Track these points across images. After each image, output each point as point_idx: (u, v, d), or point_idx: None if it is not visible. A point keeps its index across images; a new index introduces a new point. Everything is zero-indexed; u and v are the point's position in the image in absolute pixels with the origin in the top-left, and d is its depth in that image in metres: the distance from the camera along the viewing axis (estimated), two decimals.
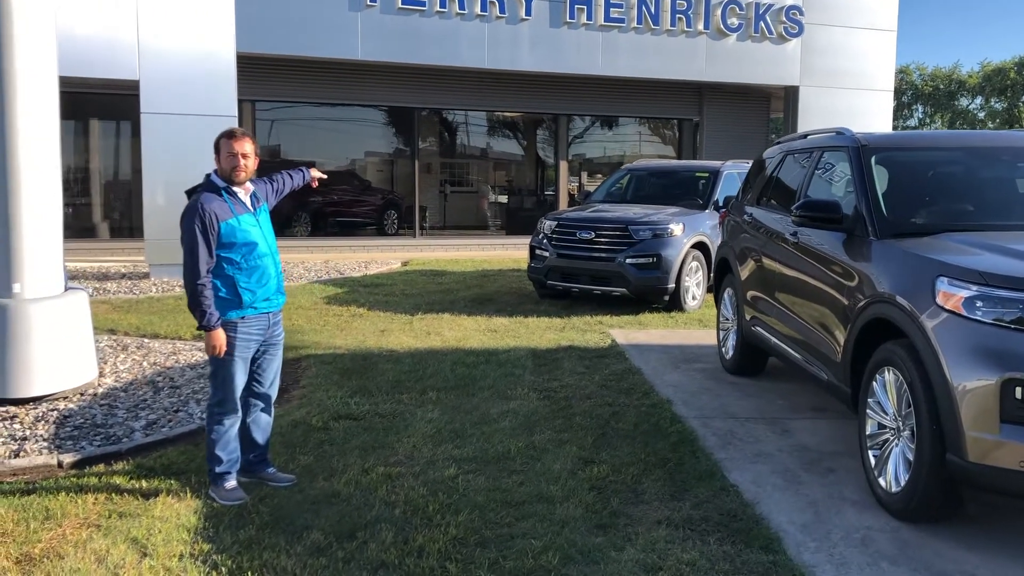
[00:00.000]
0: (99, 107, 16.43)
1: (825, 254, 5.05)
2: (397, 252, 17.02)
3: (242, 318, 4.24)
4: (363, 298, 10.83)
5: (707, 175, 11.56)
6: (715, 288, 7.62)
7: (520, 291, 11.62)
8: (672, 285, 10.00)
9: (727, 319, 7.15)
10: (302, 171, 4.88)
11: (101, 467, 4.75)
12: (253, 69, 15.85)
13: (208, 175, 4.32)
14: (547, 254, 10.46)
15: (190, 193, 4.31)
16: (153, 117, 11.89)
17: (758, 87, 19.25)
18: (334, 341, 8.19)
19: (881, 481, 4.16)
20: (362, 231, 18.10)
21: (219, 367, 4.30)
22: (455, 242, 18.17)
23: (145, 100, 11.89)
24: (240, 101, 15.98)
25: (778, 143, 7.11)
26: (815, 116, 18.51)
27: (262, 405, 4.54)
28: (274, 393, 4.57)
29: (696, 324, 9.49)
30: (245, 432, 4.50)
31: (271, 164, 17.15)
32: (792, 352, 5.51)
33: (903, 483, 3.96)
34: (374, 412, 5.80)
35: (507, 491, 4.41)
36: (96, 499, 4.28)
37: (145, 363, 7.14)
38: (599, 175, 20.34)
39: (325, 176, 5.05)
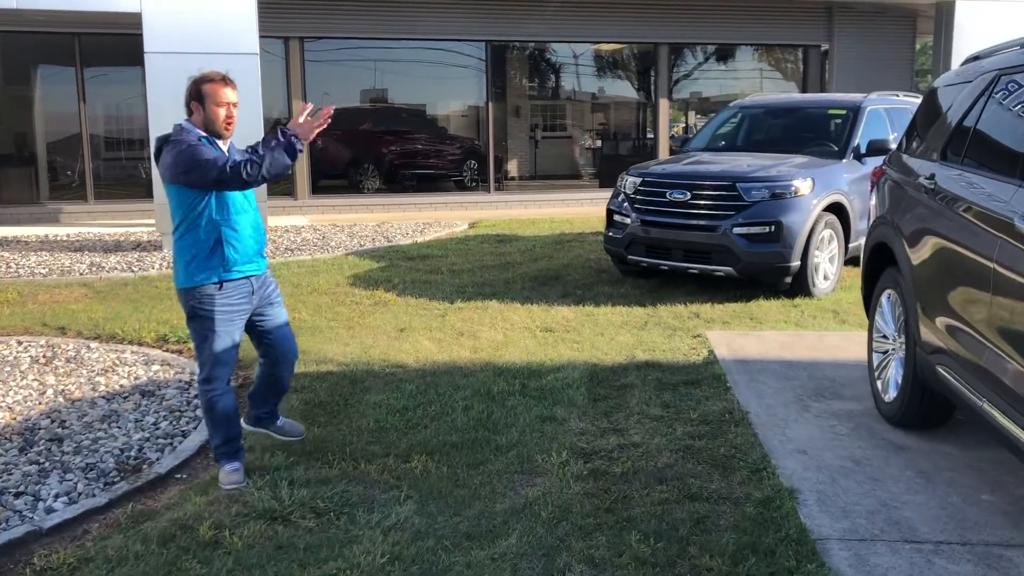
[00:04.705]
0: None
1: None
2: (468, 210, 14.81)
3: (220, 285, 3.78)
4: (398, 276, 8.69)
5: (844, 112, 8.80)
6: (864, 287, 5.08)
7: (597, 264, 9.25)
8: (796, 263, 7.43)
9: (885, 338, 4.64)
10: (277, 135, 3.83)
11: None
12: (299, 1, 13.77)
13: (178, 125, 3.74)
14: (628, 220, 8.02)
15: (162, 142, 3.75)
16: (158, 57, 9.95)
17: (902, 4, 15.91)
18: (329, 349, 6.09)
19: None
20: (436, 185, 15.89)
21: (202, 343, 3.85)
22: (536, 197, 15.79)
23: (148, 37, 9.94)
24: (286, 39, 14.09)
25: (975, 58, 4.47)
26: (974, 39, 15.02)
27: (281, 366, 4.14)
28: (292, 347, 4.16)
29: (829, 318, 6.94)
30: (261, 388, 4.19)
31: (342, 112, 15.13)
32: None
33: None
34: (310, 506, 3.64)
35: None
36: None
37: (51, 391, 5.20)
38: (712, 113, 17.46)
39: (319, 122, 3.77)
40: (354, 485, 3.86)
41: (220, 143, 3.79)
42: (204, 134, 3.74)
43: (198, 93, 3.73)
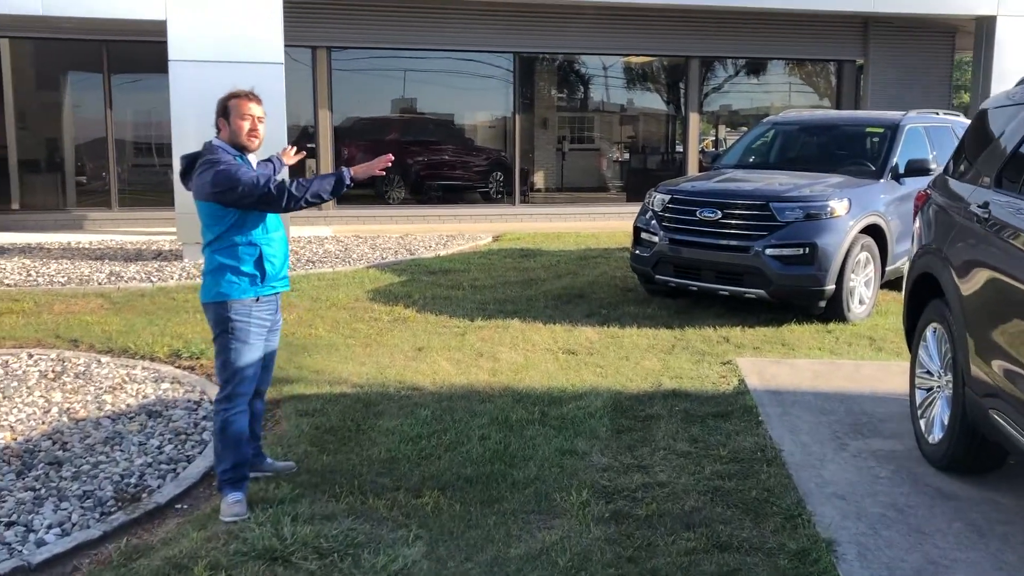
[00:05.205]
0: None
1: None
2: (493, 223, 14.61)
3: (257, 299, 3.79)
4: (419, 291, 8.49)
5: (881, 131, 8.50)
6: (907, 319, 4.79)
7: (624, 282, 9.00)
8: (831, 286, 7.13)
9: (930, 374, 4.36)
10: (271, 161, 4.20)
11: None
12: (327, 11, 13.68)
13: (208, 143, 3.78)
14: (656, 239, 7.77)
15: (191, 160, 3.79)
16: (183, 65, 9.85)
17: (940, 18, 15.53)
18: (343, 368, 5.89)
19: None
20: (461, 196, 15.68)
21: (231, 358, 3.76)
22: (562, 210, 15.55)
23: (173, 45, 9.86)
24: (314, 48, 13.99)
25: None
26: (1015, 55, 14.71)
27: (261, 393, 4.10)
28: (270, 378, 4.18)
29: (865, 345, 6.64)
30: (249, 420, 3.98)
31: (368, 121, 15.03)
32: None
33: None
34: (312, 545, 3.43)
35: None
36: None
37: (56, 409, 5.04)
38: (743, 128, 17.14)
39: (300, 154, 4.42)
40: (361, 522, 3.64)
41: (250, 157, 3.82)
42: (236, 152, 3.75)
43: (224, 109, 3.77)
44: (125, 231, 12.90)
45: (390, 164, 3.76)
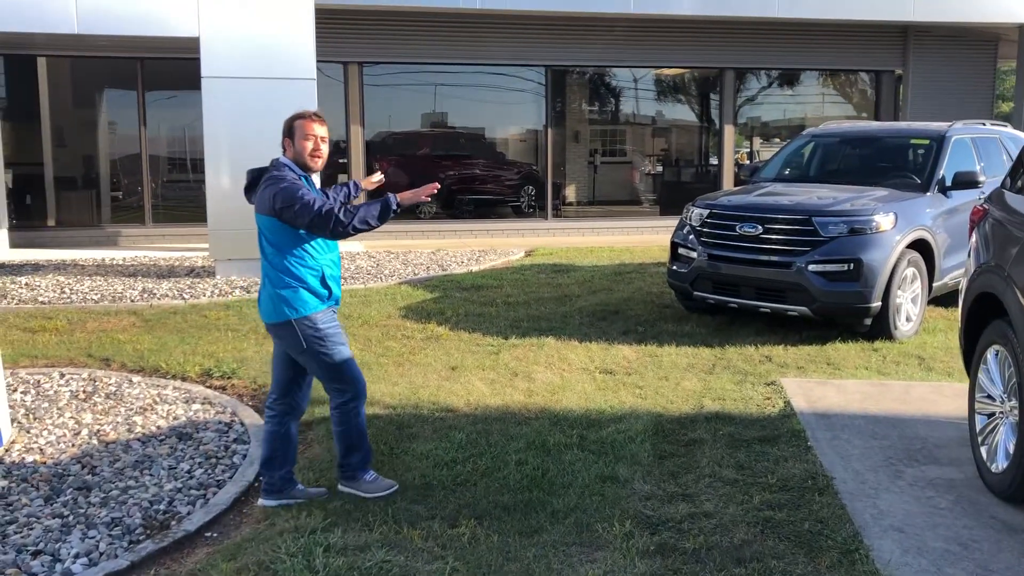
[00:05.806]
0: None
1: None
2: (526, 237, 14.48)
3: (325, 308, 3.90)
4: (452, 308, 8.36)
5: (927, 142, 8.25)
6: (965, 340, 4.57)
7: (660, 299, 8.81)
8: (877, 303, 6.90)
9: (991, 399, 4.14)
10: (348, 186, 4.38)
11: None
12: (359, 26, 13.68)
13: (276, 160, 3.90)
14: (694, 254, 7.58)
15: (257, 174, 3.90)
16: (216, 81, 9.84)
17: (983, 27, 15.21)
18: (376, 389, 5.76)
19: None
20: (493, 211, 15.57)
21: (335, 360, 3.89)
22: (594, 224, 15.38)
23: (206, 62, 9.85)
24: (346, 63, 13.99)
25: None
26: None
27: (298, 413, 4.12)
28: (309, 397, 4.19)
29: (914, 364, 6.40)
30: (277, 442, 4.02)
31: (400, 136, 15.00)
32: None
33: None
34: None
35: None
36: None
37: (86, 431, 4.96)
38: (776, 140, 16.90)
39: (381, 179, 4.65)
40: (395, 553, 3.50)
41: (313, 178, 3.95)
42: (301, 171, 3.86)
43: (289, 129, 3.89)
44: (159, 247, 12.95)
45: (436, 191, 3.88)
